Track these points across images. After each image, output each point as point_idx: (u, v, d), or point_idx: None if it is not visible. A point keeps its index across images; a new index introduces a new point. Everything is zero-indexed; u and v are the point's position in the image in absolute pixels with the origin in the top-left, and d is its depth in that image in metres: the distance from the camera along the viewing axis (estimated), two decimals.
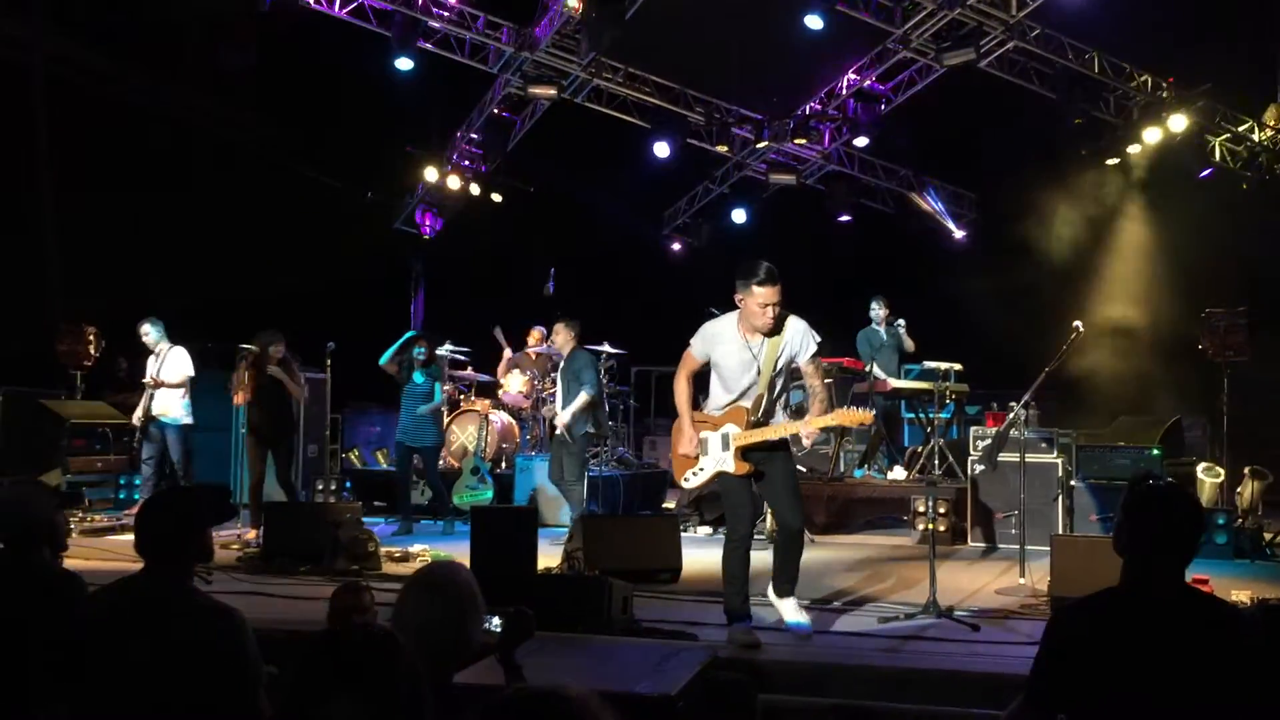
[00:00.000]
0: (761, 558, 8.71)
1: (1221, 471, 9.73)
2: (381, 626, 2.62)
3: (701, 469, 5.78)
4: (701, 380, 6.16)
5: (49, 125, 13.72)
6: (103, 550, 8.00)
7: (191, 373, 9.90)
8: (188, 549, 3.32)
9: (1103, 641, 2.80)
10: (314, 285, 13.90)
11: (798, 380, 11.63)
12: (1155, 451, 9.23)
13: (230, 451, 10.54)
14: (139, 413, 9.85)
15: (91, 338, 11.91)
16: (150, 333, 9.88)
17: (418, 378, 9.90)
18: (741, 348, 5.77)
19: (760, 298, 5.68)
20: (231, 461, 10.56)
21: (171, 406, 9.81)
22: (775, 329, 5.75)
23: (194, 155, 14.79)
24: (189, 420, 9.89)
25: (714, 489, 5.95)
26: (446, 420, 11.80)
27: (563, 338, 9.37)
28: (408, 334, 10.25)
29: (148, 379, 9.83)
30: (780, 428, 5.72)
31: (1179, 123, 12.40)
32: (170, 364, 9.80)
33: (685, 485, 5.95)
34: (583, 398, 9.14)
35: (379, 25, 11.87)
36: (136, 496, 10.61)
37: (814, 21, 10.90)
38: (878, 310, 11.49)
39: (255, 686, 3.17)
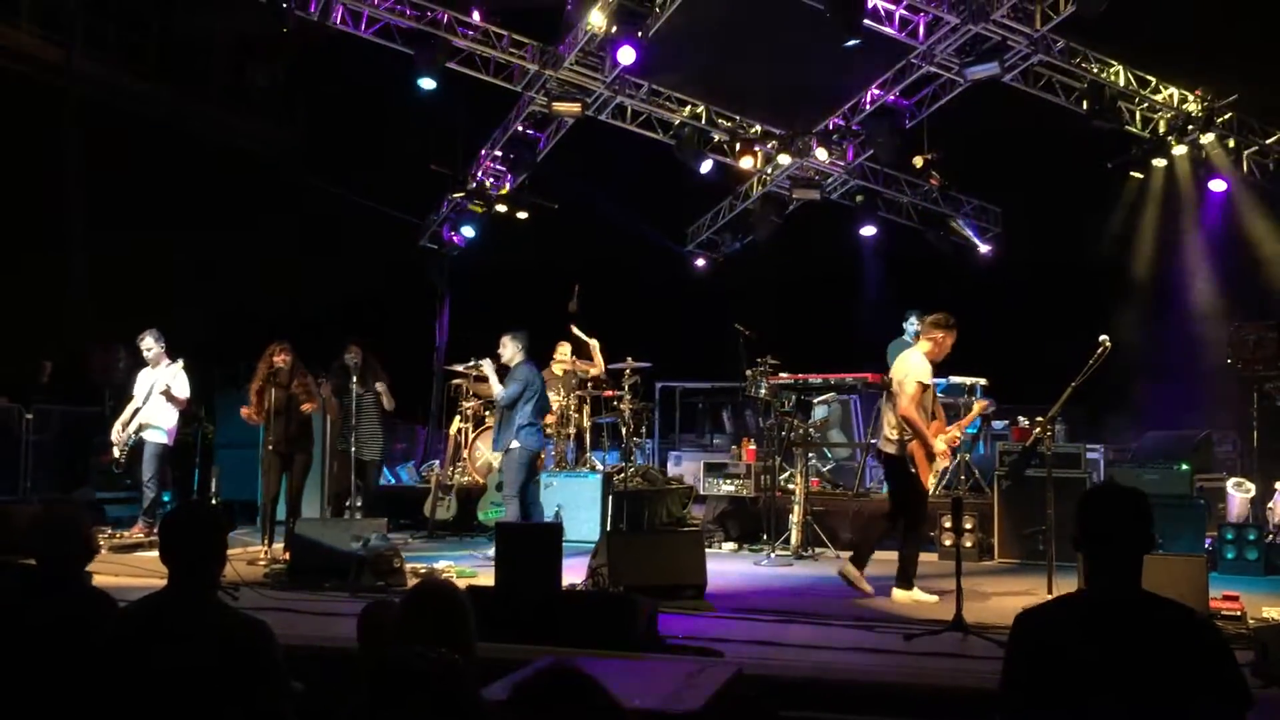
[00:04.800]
0: (781, 573, 8.71)
1: (1252, 487, 9.63)
2: (447, 653, 2.63)
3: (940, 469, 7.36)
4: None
5: (80, 144, 13.91)
6: (131, 566, 8.06)
7: (189, 394, 9.80)
8: (214, 559, 3.38)
9: (1062, 646, 2.83)
10: (339, 302, 14.00)
11: (822, 397, 11.59)
12: (1184, 466, 9.15)
13: (257, 468, 10.58)
14: (130, 429, 9.64)
15: (122, 356, 12.01)
16: (153, 347, 9.73)
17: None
18: (931, 375, 7.39)
19: (954, 336, 7.51)
20: (258, 477, 10.61)
21: (165, 421, 9.67)
22: None
23: (221, 173, 14.94)
24: (170, 443, 9.75)
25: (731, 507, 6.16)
26: (472, 436, 11.85)
27: (510, 350, 9.35)
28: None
29: (142, 392, 9.66)
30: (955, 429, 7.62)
31: (1206, 135, 12.33)
32: (179, 381, 9.67)
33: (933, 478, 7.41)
34: (495, 388, 9.23)
35: (404, 45, 11.96)
36: (134, 513, 10.40)
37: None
38: (913, 325, 11.43)
39: (283, 699, 3.19)
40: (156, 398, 9.60)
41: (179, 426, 9.95)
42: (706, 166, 13.67)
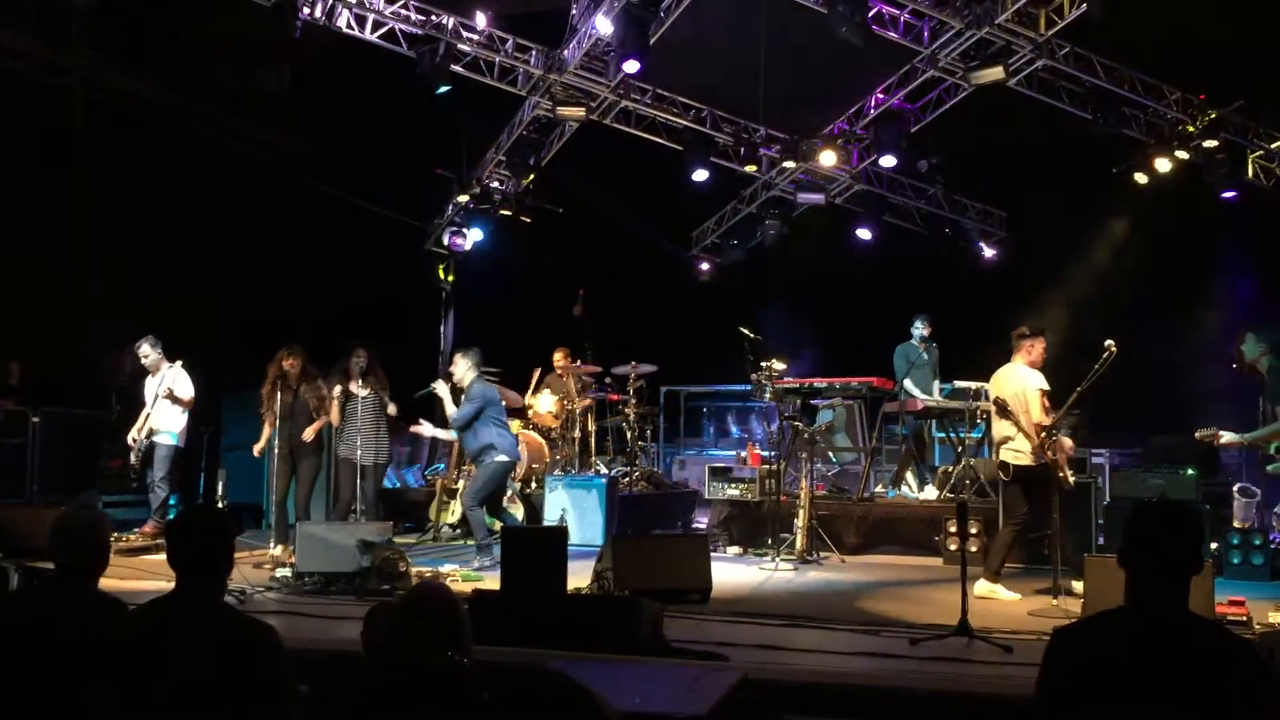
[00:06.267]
0: (786, 577, 8.71)
1: (1258, 491, 9.63)
2: (452, 656, 2.65)
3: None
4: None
5: (86, 147, 13.93)
6: (138, 569, 8.08)
7: (194, 394, 9.92)
8: (222, 563, 3.40)
9: (1103, 663, 2.78)
10: (345, 306, 14.01)
11: (827, 401, 11.62)
12: (1190, 472, 9.15)
13: (265, 471, 10.59)
14: (140, 433, 9.76)
15: (128, 359, 12.03)
16: (150, 354, 9.87)
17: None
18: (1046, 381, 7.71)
19: (1041, 340, 7.89)
20: (265, 481, 10.63)
21: (173, 423, 9.79)
22: None
23: (228, 176, 14.95)
24: (181, 444, 9.88)
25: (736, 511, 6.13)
26: None
27: (461, 368, 9.30)
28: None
29: (150, 398, 9.79)
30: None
31: (1211, 140, 12.32)
32: (181, 382, 9.81)
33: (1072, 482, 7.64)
34: (449, 408, 9.16)
35: (409, 49, 11.98)
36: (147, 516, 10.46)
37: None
38: (921, 329, 11.45)
39: (290, 702, 3.21)
40: (162, 401, 9.70)
41: (190, 427, 10.01)
42: (701, 176, 13.66)
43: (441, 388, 9.50)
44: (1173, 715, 2.69)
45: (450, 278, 15.70)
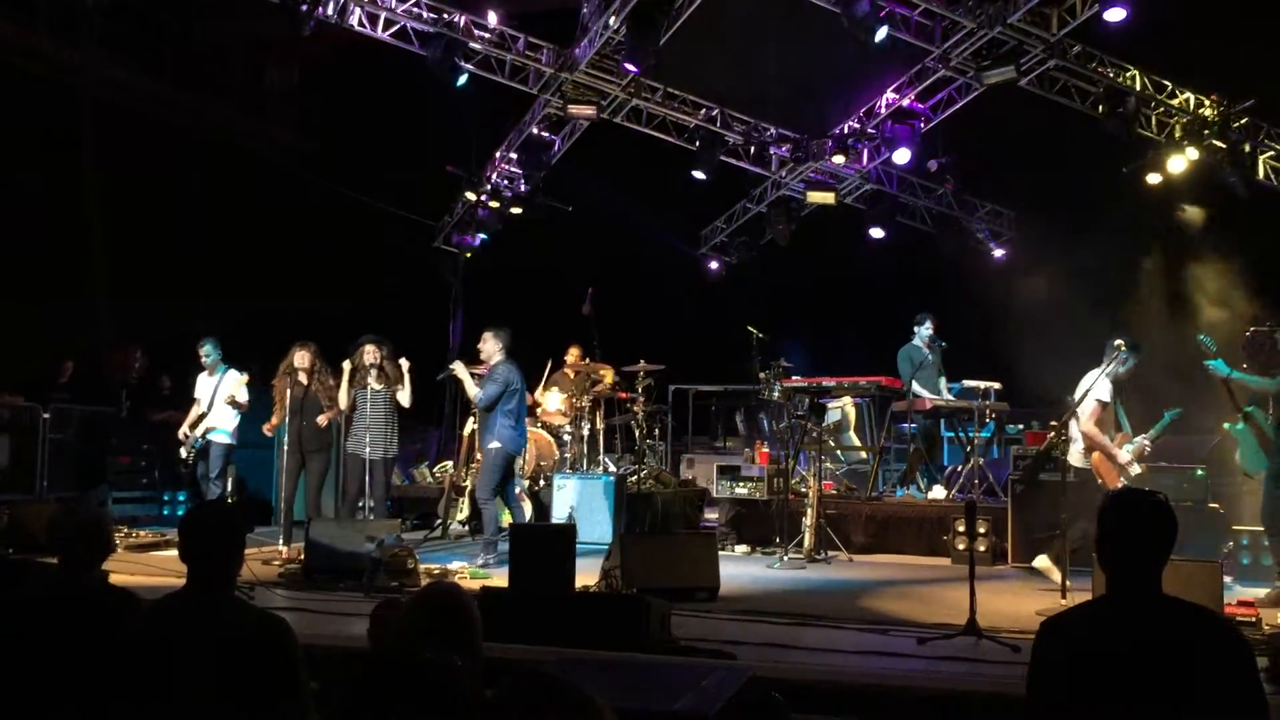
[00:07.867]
0: (794, 576, 8.71)
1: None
2: (445, 656, 2.64)
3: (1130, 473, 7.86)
4: None
5: (96, 145, 13.99)
6: (147, 566, 8.10)
7: (248, 398, 10.07)
8: (233, 558, 3.41)
9: (1088, 650, 2.84)
10: (354, 303, 14.04)
11: (837, 401, 11.58)
12: (1200, 471, 9.12)
13: (274, 468, 10.63)
14: (197, 430, 9.86)
15: (138, 356, 12.08)
16: (211, 354, 10.06)
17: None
18: (1110, 394, 7.89)
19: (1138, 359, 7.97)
20: (274, 478, 10.68)
21: (229, 422, 9.94)
22: None
23: (237, 174, 15.00)
24: (234, 442, 10.02)
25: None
26: None
27: (489, 347, 9.32)
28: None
29: (205, 396, 9.92)
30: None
31: (1222, 139, 12.28)
32: (243, 390, 9.96)
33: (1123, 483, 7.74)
34: (470, 390, 9.27)
35: (420, 47, 12.00)
36: (151, 512, 10.57)
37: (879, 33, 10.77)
38: (925, 329, 11.41)
39: (305, 697, 3.21)
40: (221, 403, 9.83)
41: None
42: (701, 176, 13.64)
43: (460, 369, 9.60)
44: (1156, 697, 2.73)
45: (467, 254, 15.70)
